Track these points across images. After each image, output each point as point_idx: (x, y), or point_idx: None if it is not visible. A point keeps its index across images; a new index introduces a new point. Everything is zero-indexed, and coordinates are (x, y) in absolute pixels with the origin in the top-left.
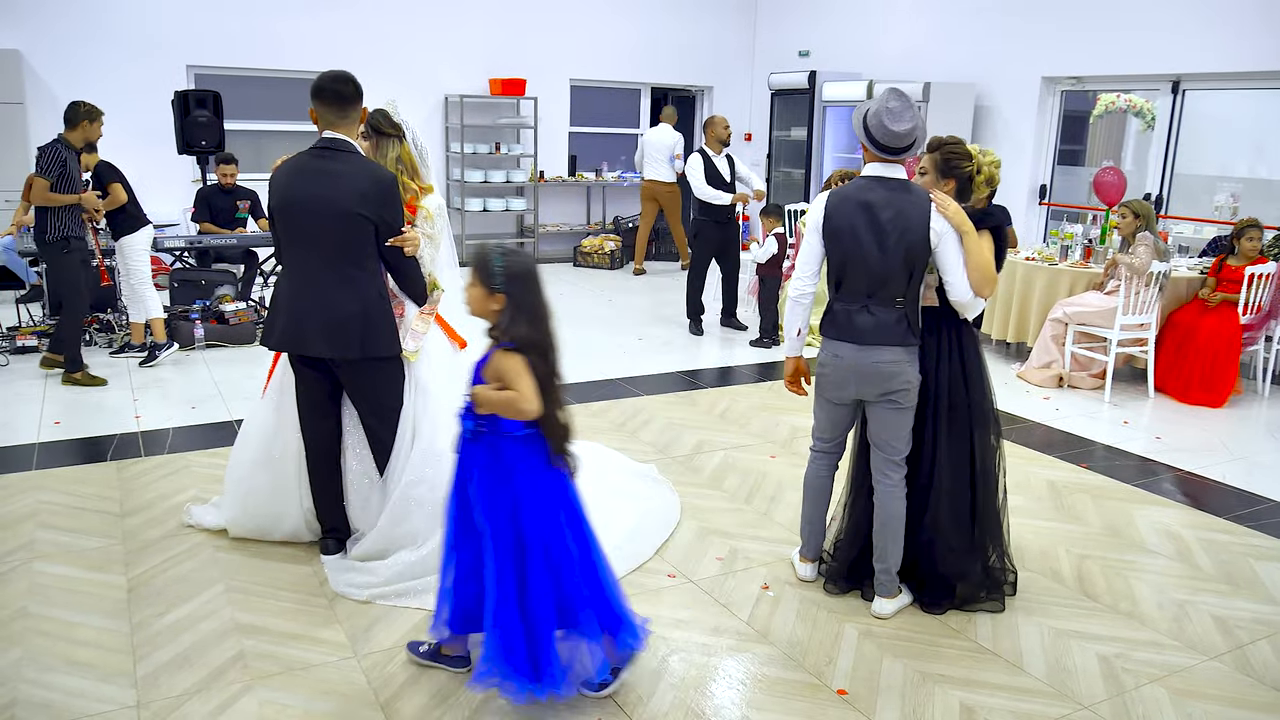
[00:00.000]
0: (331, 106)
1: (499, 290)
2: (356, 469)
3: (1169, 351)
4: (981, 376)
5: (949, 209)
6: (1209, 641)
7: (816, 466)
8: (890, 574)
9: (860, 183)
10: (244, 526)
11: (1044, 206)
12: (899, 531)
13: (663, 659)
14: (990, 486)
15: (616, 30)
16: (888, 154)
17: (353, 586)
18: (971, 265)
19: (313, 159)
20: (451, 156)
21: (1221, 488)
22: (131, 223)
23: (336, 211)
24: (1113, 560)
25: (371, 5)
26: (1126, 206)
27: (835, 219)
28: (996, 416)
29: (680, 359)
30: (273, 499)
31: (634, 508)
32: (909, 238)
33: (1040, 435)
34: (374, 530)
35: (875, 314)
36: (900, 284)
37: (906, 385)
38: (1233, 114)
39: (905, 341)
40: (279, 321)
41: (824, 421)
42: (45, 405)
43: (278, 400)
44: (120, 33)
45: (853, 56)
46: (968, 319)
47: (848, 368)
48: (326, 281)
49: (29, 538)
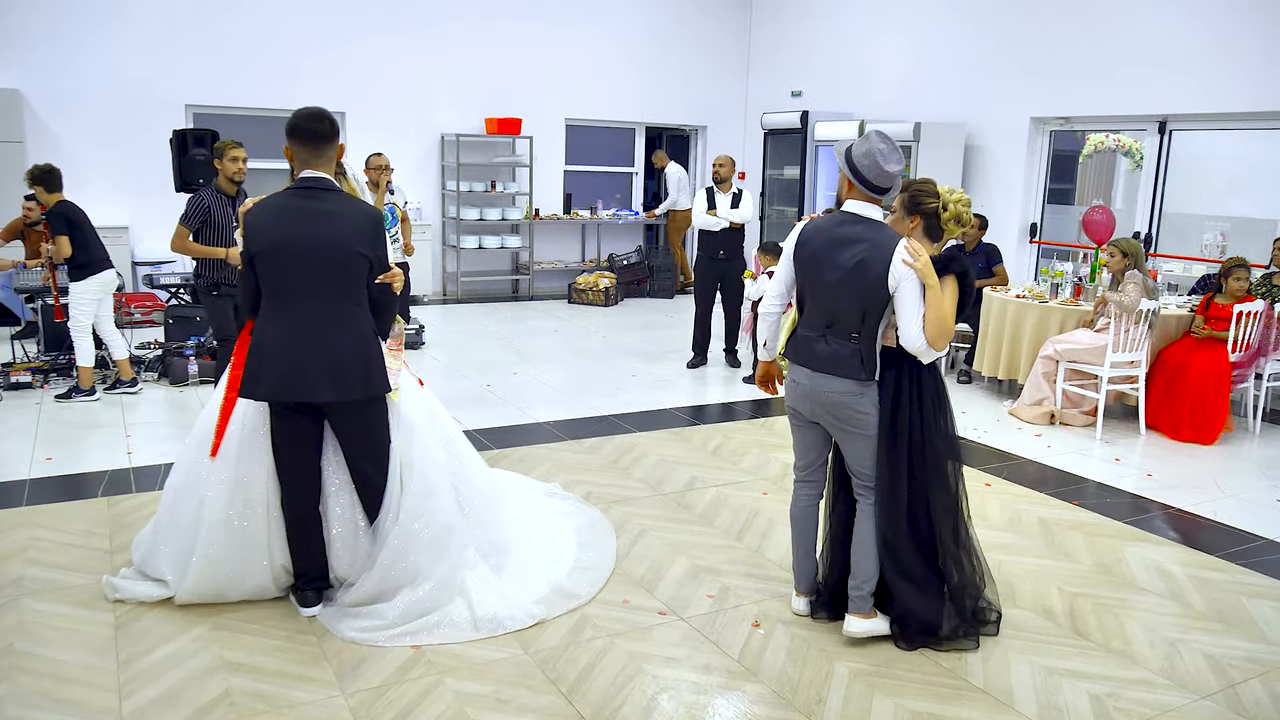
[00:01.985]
0: (307, 145)
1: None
2: (341, 515)
3: (1160, 389)
4: (941, 407)
5: (919, 260)
6: (1201, 680)
7: (798, 497)
8: (861, 591)
9: (836, 217)
10: (196, 593)
11: (1034, 245)
12: (871, 550)
13: (652, 697)
14: (955, 511)
15: (612, 70)
16: (875, 192)
17: (362, 632)
18: (930, 319)
19: (296, 199)
20: (447, 194)
21: (1213, 525)
22: (78, 270)
23: (338, 251)
24: (1104, 598)
25: (369, 45)
26: (1115, 245)
27: (803, 249)
28: (956, 445)
29: (673, 395)
30: (233, 559)
31: (569, 523)
32: (868, 279)
33: (1032, 472)
34: (371, 572)
35: (831, 344)
36: (854, 320)
37: (861, 414)
38: (1220, 154)
39: (856, 375)
40: (267, 369)
41: (796, 444)
42: (38, 441)
43: (237, 456)
44: (119, 72)
45: (844, 97)
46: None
47: (804, 393)
48: (327, 323)
49: (18, 574)
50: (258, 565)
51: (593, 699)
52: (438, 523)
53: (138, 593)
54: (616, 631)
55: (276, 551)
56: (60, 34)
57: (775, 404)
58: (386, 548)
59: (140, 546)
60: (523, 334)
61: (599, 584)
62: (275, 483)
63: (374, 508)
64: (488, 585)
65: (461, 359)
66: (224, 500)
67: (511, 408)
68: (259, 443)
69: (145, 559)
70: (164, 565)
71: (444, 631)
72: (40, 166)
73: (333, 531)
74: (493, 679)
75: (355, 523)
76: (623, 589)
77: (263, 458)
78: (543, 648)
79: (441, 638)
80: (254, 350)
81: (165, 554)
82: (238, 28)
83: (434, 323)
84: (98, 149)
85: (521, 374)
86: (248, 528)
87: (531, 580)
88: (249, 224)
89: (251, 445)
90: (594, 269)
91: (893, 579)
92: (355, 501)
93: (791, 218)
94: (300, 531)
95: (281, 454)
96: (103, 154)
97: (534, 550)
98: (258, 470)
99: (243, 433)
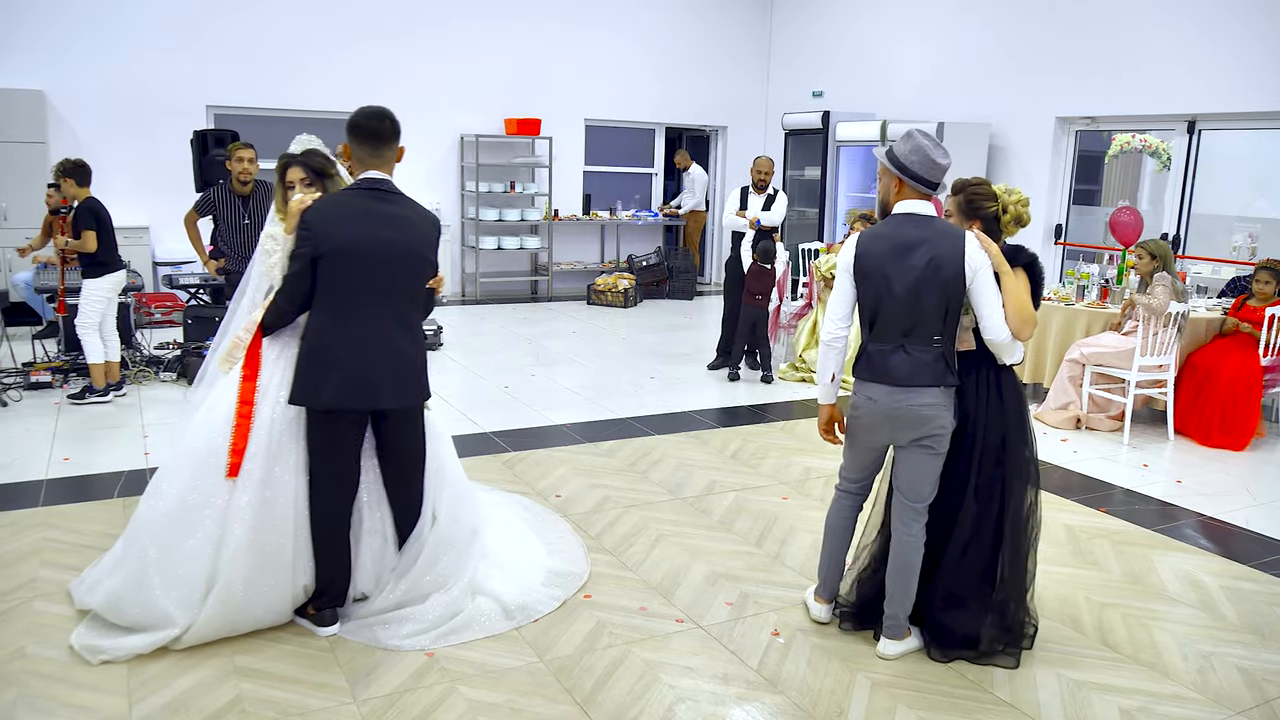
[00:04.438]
0: (366, 144)
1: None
2: (373, 528)
3: (1189, 393)
4: (1022, 425)
5: (991, 247)
6: (1235, 695)
7: (839, 506)
8: (897, 619)
9: (892, 221)
10: (210, 629)
11: (1060, 246)
12: (911, 582)
13: (669, 707)
14: (1018, 542)
15: (631, 70)
16: (928, 187)
17: (407, 638)
18: (1010, 304)
19: (364, 200)
20: (467, 195)
21: (1245, 534)
22: (98, 268)
23: (410, 256)
24: (1134, 609)
25: (388, 46)
26: (1143, 247)
27: (866, 259)
28: (1036, 469)
29: (692, 398)
30: (255, 585)
31: (538, 537)
32: (944, 274)
33: (1058, 478)
34: (405, 578)
35: (911, 354)
36: (936, 322)
37: (941, 430)
38: (1250, 154)
39: (943, 381)
40: (332, 377)
41: (852, 463)
42: (55, 441)
43: (264, 472)
44: (141, 73)
45: (866, 97)
46: (1006, 364)
47: (881, 411)
48: (396, 329)
49: (31, 576)
50: (281, 588)
51: (608, 709)
52: (467, 526)
53: (129, 647)
54: (633, 639)
55: (300, 571)
56: (83, 36)
57: (796, 407)
58: (424, 552)
59: (100, 591)
60: (541, 335)
61: (584, 560)
62: (302, 496)
63: (410, 515)
64: (504, 578)
65: (480, 360)
66: (250, 521)
67: (529, 409)
68: (288, 454)
69: (120, 605)
70: (167, 606)
71: (481, 626)
72: (73, 160)
73: (363, 544)
74: (506, 687)
75: (385, 535)
76: (640, 595)
77: (292, 471)
78: (558, 655)
79: (480, 632)
80: (313, 358)
81: (166, 594)
82: (258, 29)
83: (453, 324)
84: (119, 149)
85: (540, 376)
86: (277, 548)
87: (531, 568)
88: (312, 223)
89: (280, 458)
90: (613, 270)
91: (935, 599)
92: (387, 515)
93: (812, 219)
94: (332, 542)
95: (328, 460)
96: (124, 154)
97: (517, 540)
98: (284, 485)
99: (270, 447)
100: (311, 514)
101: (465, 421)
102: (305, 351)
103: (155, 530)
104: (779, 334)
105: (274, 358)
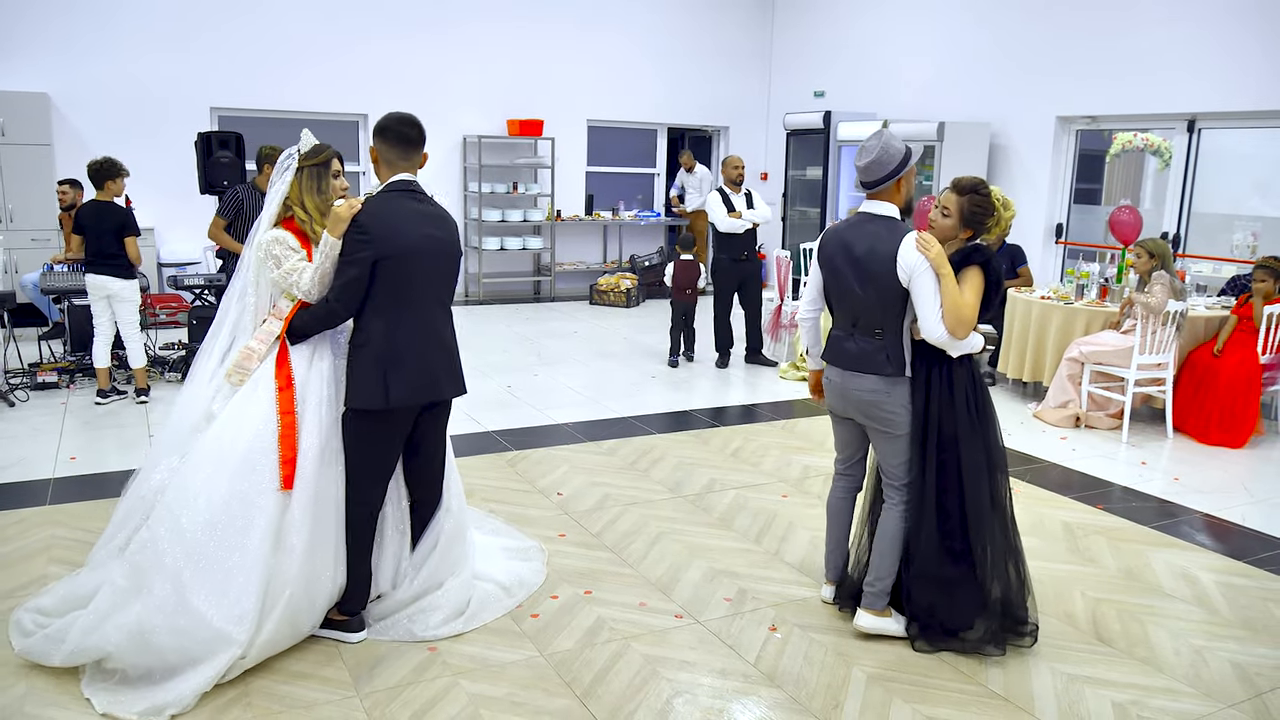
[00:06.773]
0: (396, 147)
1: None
2: (395, 523)
3: (1187, 391)
4: (979, 415)
5: (930, 250)
6: (1227, 689)
7: (835, 488)
8: (875, 588)
9: (852, 219)
10: (282, 636)
11: (1060, 245)
12: (889, 553)
13: (668, 701)
14: (981, 527)
15: (633, 71)
16: (866, 188)
17: (438, 628)
18: (946, 307)
19: (410, 201)
20: (469, 196)
21: (1241, 530)
22: (130, 270)
23: (452, 254)
24: (1129, 604)
25: (392, 47)
26: (1141, 246)
27: (822, 252)
28: (999, 457)
29: (693, 397)
30: (312, 591)
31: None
32: (875, 271)
33: (1056, 476)
34: (424, 568)
35: (858, 342)
36: (875, 315)
37: (889, 414)
38: (1250, 152)
39: (882, 371)
40: (399, 376)
41: (836, 439)
42: (63, 440)
43: (315, 478)
44: (145, 76)
45: (868, 97)
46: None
47: (835, 390)
48: (441, 322)
49: (39, 573)
50: (326, 593)
51: (608, 702)
52: (467, 512)
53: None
54: (632, 634)
55: (339, 573)
56: (88, 38)
57: (797, 406)
58: (441, 540)
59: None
60: (544, 335)
61: (521, 534)
62: (342, 499)
63: (430, 506)
64: (487, 561)
65: (482, 360)
66: (306, 531)
67: (531, 409)
68: (330, 460)
69: (149, 636)
70: (222, 625)
71: (494, 606)
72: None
73: (387, 540)
74: (508, 681)
75: (404, 531)
76: (639, 591)
77: (334, 476)
78: (558, 650)
79: (498, 611)
80: (379, 360)
81: (217, 613)
82: (261, 30)
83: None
84: (124, 151)
85: (542, 375)
86: (325, 553)
87: (494, 549)
88: (369, 226)
89: (331, 462)
90: (615, 270)
91: (913, 579)
92: (406, 511)
93: (814, 219)
94: (362, 541)
95: (378, 459)
96: (128, 156)
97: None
98: (329, 488)
99: (324, 452)
100: (348, 514)
101: (468, 420)
102: (371, 355)
103: (188, 549)
104: (779, 333)
105: (306, 366)
